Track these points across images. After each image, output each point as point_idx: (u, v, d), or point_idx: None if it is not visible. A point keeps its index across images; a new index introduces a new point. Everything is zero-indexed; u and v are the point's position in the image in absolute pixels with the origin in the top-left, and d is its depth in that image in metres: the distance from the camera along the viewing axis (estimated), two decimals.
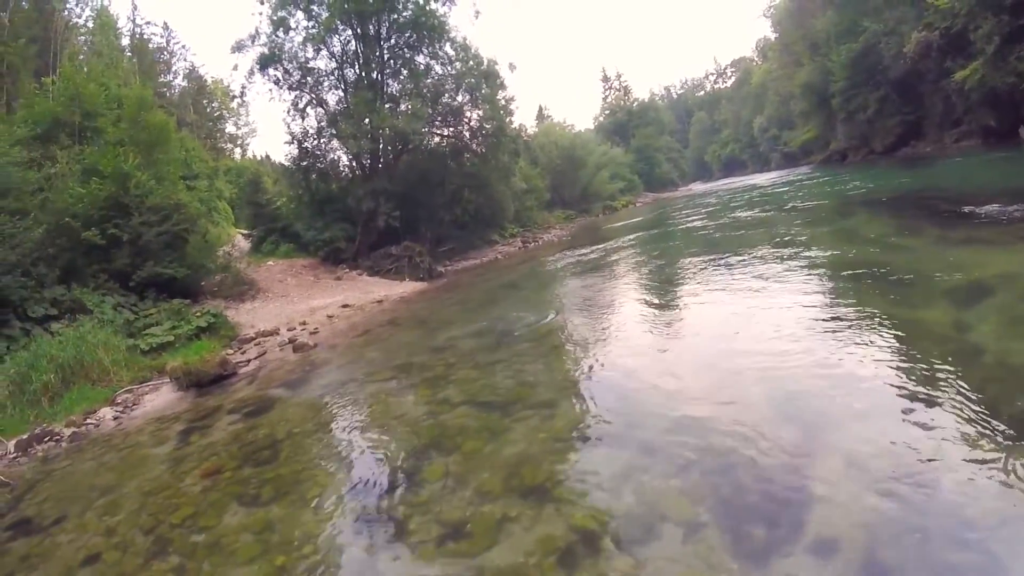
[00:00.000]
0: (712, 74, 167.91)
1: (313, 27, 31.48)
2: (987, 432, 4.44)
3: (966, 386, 5.21)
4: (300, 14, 31.64)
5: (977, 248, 10.55)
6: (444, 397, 8.04)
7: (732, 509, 4.22)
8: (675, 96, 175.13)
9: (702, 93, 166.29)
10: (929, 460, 4.24)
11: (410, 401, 8.23)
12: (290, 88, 31.97)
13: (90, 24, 41.55)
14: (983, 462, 4.09)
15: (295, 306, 20.05)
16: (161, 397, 11.82)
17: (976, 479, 3.93)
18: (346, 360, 12.26)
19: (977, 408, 4.80)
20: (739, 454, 4.87)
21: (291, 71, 31.67)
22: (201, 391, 11.75)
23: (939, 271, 9.24)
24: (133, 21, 53.03)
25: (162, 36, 55.78)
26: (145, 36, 53.70)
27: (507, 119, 35.63)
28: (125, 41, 49.60)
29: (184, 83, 56.32)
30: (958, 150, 40.63)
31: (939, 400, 5.03)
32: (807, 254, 12.99)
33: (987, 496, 3.75)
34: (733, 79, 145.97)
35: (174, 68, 56.09)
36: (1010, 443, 4.26)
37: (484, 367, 9.35)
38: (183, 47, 57.57)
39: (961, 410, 4.81)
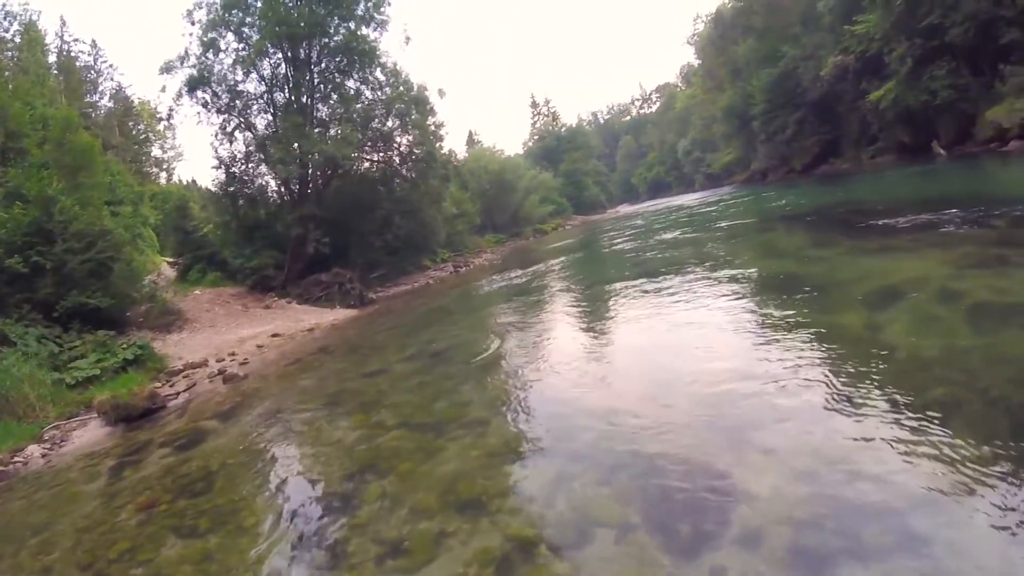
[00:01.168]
0: (638, 99, 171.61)
1: (244, 49, 31.44)
2: (902, 422, 4.79)
3: (881, 381, 5.62)
4: (231, 36, 31.66)
5: (889, 256, 11.22)
6: (378, 421, 8.20)
7: (661, 509, 4.49)
8: (602, 121, 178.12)
9: (628, 118, 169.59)
10: (847, 452, 4.56)
11: (344, 426, 8.35)
12: (218, 111, 31.80)
13: (17, 39, 40.46)
14: (900, 450, 4.41)
15: (224, 336, 19.84)
16: (90, 432, 11.64)
17: (894, 466, 4.24)
18: (278, 389, 12.26)
19: (892, 400, 5.19)
20: (665, 457, 5.16)
21: (220, 94, 31.48)
22: (130, 425, 11.60)
23: (853, 279, 9.85)
24: (61, 37, 51.69)
25: (90, 54, 54.25)
26: (72, 54, 52.25)
27: (437, 144, 36.08)
28: (52, 58, 48.36)
29: (110, 104, 54.80)
30: (874, 166, 42.59)
31: (856, 396, 5.41)
32: (728, 269, 13.55)
33: (904, 481, 4.06)
34: (658, 104, 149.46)
35: (100, 88, 54.50)
36: (923, 429, 4.62)
37: (417, 390, 9.54)
38: (110, 66, 55.95)
39: (877, 403, 5.18)
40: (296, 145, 29.73)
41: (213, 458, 8.28)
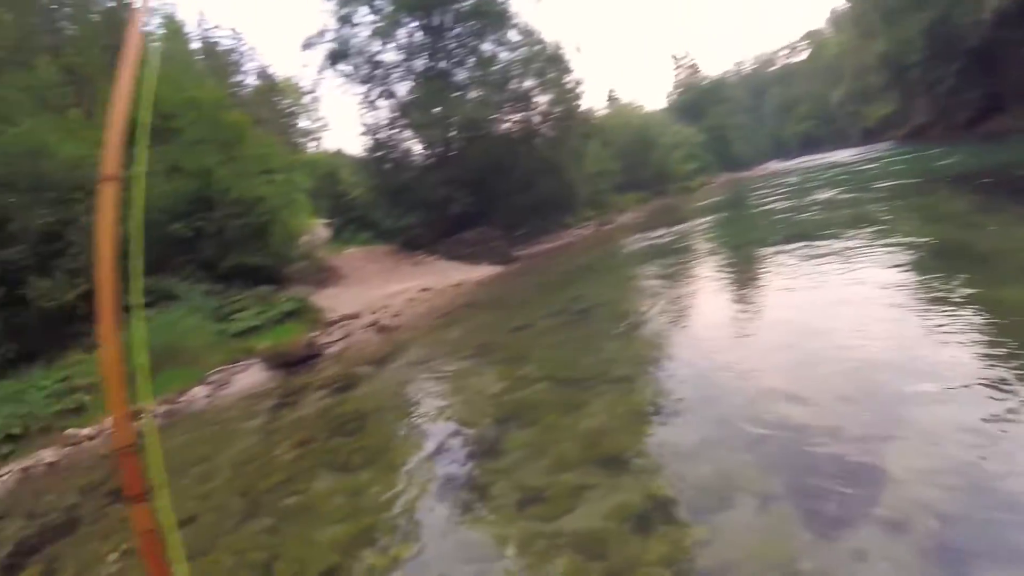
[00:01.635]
0: (785, 49, 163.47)
1: (378, 21, 32.04)
2: None
3: None
4: (365, 8, 32.32)
5: None
6: (523, 374, 8.17)
7: (805, 483, 4.22)
8: (747, 72, 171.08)
9: (775, 68, 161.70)
10: (1005, 442, 4.12)
11: (490, 377, 8.41)
12: (361, 81, 32.68)
13: (160, 31, 42.78)
14: None
15: (375, 291, 20.49)
16: (251, 377, 12.33)
17: None
18: (428, 340, 12.57)
19: None
20: (813, 430, 4.83)
21: (360, 65, 32.42)
22: (289, 371, 12.26)
23: (1020, 249, 8.91)
24: (201, 27, 54.62)
25: (232, 38, 57.12)
26: (214, 40, 55.15)
27: (575, 102, 35.50)
28: (195, 45, 51.09)
29: (256, 82, 57.58)
30: None
31: (1018, 380, 4.82)
32: (885, 235, 12.60)
33: None
34: (807, 53, 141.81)
35: (245, 69, 57.38)
36: None
37: (561, 346, 9.49)
38: (252, 49, 58.79)
39: None
40: (437, 109, 30.21)
41: (366, 402, 8.54)
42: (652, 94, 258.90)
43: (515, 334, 11.08)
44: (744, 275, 12.27)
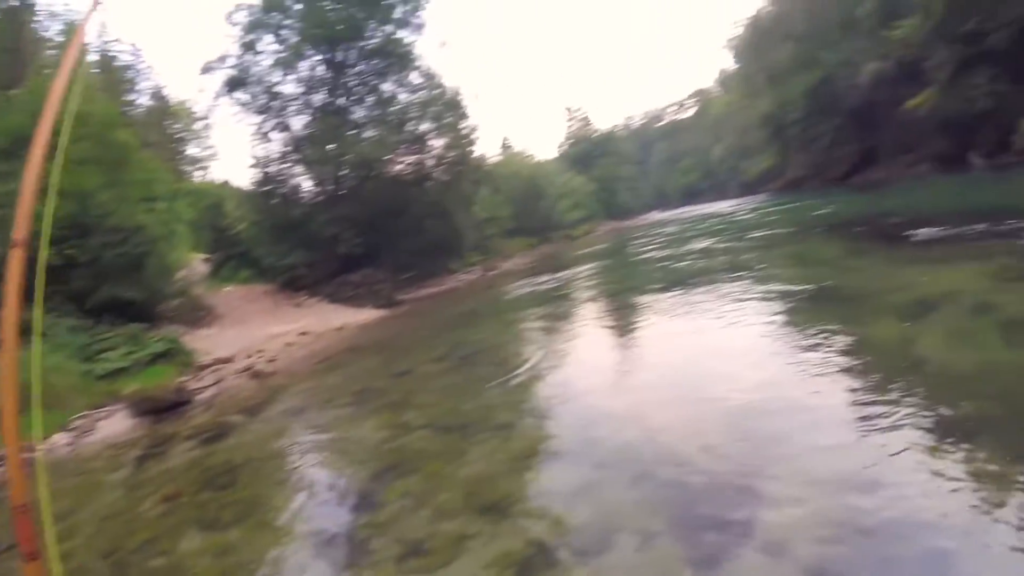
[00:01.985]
0: (672, 105, 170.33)
1: (282, 51, 31.65)
2: (933, 437, 4.66)
3: (913, 395, 5.45)
4: (270, 37, 31.94)
5: (925, 267, 10.96)
6: (404, 421, 8.13)
7: (685, 518, 4.39)
8: (636, 127, 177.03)
9: (662, 123, 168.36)
10: (876, 467, 4.41)
11: (370, 425, 8.33)
12: (256, 111, 32.04)
13: (59, 39, 40.95)
14: (930, 467, 4.27)
15: (253, 333, 19.95)
16: (116, 423, 11.72)
17: (923, 484, 4.10)
18: (305, 387, 12.32)
19: (923, 415, 5.03)
20: (692, 467, 5.03)
21: (258, 94, 31.82)
22: (157, 418, 11.69)
23: (888, 289, 9.63)
24: (101, 37, 52.44)
25: (131, 54, 54.98)
26: (112, 54, 53.00)
27: (470, 148, 35.95)
28: (93, 57, 49.01)
29: (149, 102, 55.55)
30: (910, 175, 41.81)
31: (887, 410, 5.25)
32: (761, 278, 13.36)
33: (933, 499, 3.93)
34: (693, 110, 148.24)
35: (139, 87, 55.29)
36: (954, 446, 4.50)
37: (444, 392, 9.54)
38: (149, 67, 56.63)
39: (908, 418, 5.02)
40: (331, 146, 29.94)
41: (238, 452, 8.29)
42: (545, 143, 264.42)
43: (396, 380, 11.03)
44: (623, 321, 12.68)
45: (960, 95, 36.17)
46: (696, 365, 7.80)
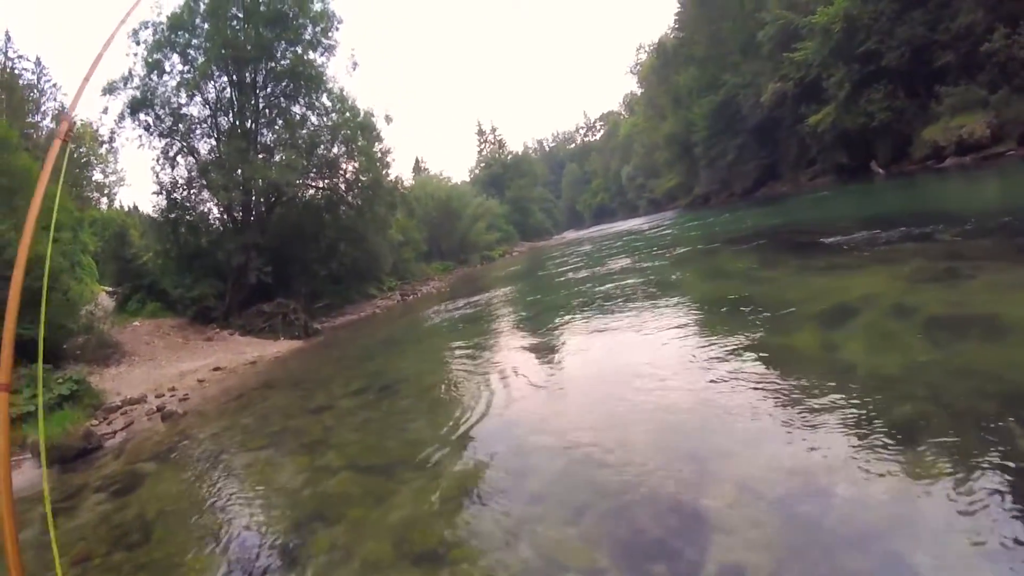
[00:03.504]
0: (582, 127, 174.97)
1: (188, 72, 30.62)
2: (870, 441, 4.65)
3: (844, 401, 5.46)
4: (176, 57, 30.85)
5: (838, 274, 11.26)
6: (324, 463, 7.78)
7: (631, 549, 4.22)
8: (548, 148, 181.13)
9: (573, 145, 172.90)
10: (818, 476, 4.39)
11: (289, 469, 7.93)
12: (161, 135, 30.86)
13: None
14: (871, 470, 4.26)
15: (163, 370, 19.17)
16: (23, 475, 10.91)
17: (866, 487, 4.09)
18: (219, 428, 11.72)
19: (857, 420, 5.03)
20: (631, 493, 4.88)
21: (163, 117, 30.58)
22: (65, 467, 10.99)
23: (804, 298, 9.80)
24: (5, 54, 49.95)
25: (33, 72, 52.55)
26: (16, 71, 50.62)
27: (383, 171, 35.76)
28: None
29: (52, 125, 53.12)
30: (813, 187, 43.86)
31: (819, 417, 5.25)
32: (677, 293, 13.62)
33: (879, 501, 3.92)
34: (602, 132, 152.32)
35: (43, 107, 52.84)
36: (893, 448, 4.50)
37: (364, 428, 9.19)
38: (54, 86, 54.01)
39: (842, 424, 5.02)
40: (239, 171, 29.04)
41: (150, 505, 7.79)
42: (458, 166, 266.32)
43: (314, 416, 10.60)
44: (546, 342, 12.42)
45: (859, 110, 38.49)
46: (624, 384, 7.66)
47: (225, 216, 32.33)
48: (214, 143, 32.17)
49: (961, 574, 3.25)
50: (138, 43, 30.42)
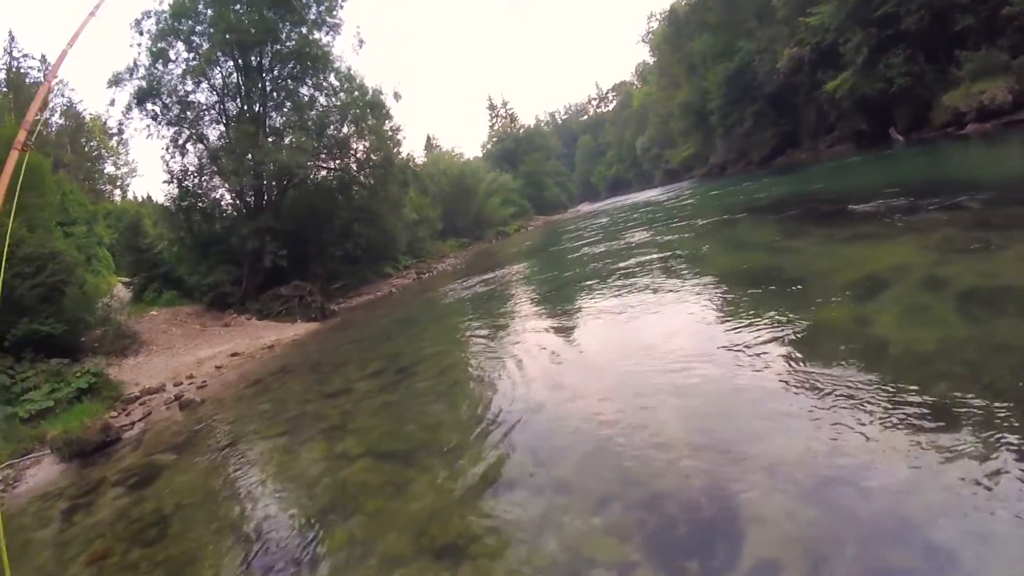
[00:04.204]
0: (595, 99, 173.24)
1: (194, 59, 30.42)
2: (907, 424, 4.43)
3: (878, 380, 5.21)
4: (181, 45, 30.69)
5: (866, 243, 10.93)
6: (342, 450, 7.63)
7: (663, 542, 4.01)
8: (560, 121, 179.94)
9: (585, 117, 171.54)
10: (854, 461, 4.18)
11: (306, 457, 7.79)
12: (169, 123, 30.85)
13: None
14: (910, 455, 4.06)
15: (181, 358, 19.17)
16: (43, 471, 10.96)
17: (905, 474, 3.89)
18: (236, 415, 11.67)
19: (892, 401, 4.80)
20: (661, 481, 4.66)
21: (170, 105, 30.54)
22: (85, 461, 10.98)
23: (832, 269, 9.51)
24: (10, 53, 50.15)
25: (39, 70, 52.75)
26: (22, 69, 50.77)
27: (395, 149, 35.57)
28: (0, 75, 46.93)
29: (61, 120, 53.38)
30: (832, 155, 43.10)
31: (854, 398, 5.00)
32: (699, 266, 13.27)
33: (919, 490, 3.73)
34: (615, 103, 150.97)
35: (52, 104, 53.04)
36: (931, 431, 4.27)
37: (383, 412, 9.00)
38: (61, 82, 54.22)
39: (877, 405, 4.78)
40: (249, 155, 28.83)
41: (168, 499, 7.69)
42: (470, 141, 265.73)
43: (332, 401, 10.48)
44: (565, 318, 12.23)
45: (877, 76, 37.69)
46: (648, 364, 7.38)
47: (238, 201, 32.35)
48: (223, 129, 32.19)
49: (1008, 569, 3.05)
50: (141, 33, 30.43)
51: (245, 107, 32.12)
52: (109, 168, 58.69)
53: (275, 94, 33.30)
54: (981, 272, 7.60)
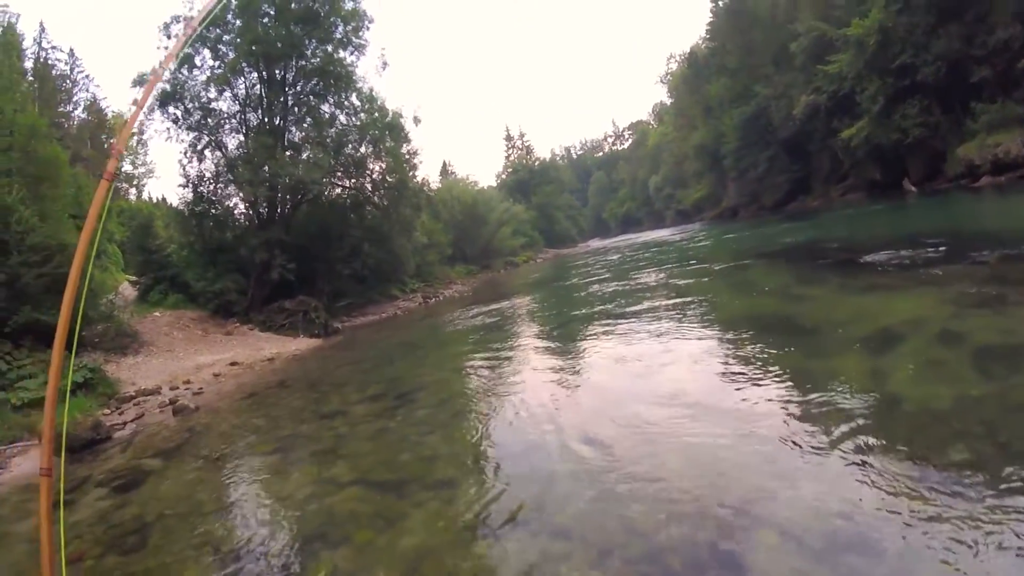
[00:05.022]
0: (611, 136, 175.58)
1: (219, 67, 30.71)
2: (922, 484, 4.28)
3: (892, 438, 5.09)
4: (207, 52, 30.93)
5: (882, 294, 10.81)
6: (333, 475, 7.40)
7: None
8: (575, 156, 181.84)
9: (600, 154, 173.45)
10: (865, 523, 4.00)
11: (296, 480, 7.56)
12: (189, 128, 30.98)
13: None
14: (924, 518, 3.90)
15: (181, 362, 19.06)
16: (29, 461, 10.78)
17: (919, 538, 3.73)
18: (229, 427, 11.45)
19: (907, 461, 4.65)
20: (665, 535, 4.45)
21: (192, 110, 30.68)
22: (72, 457, 10.77)
23: (847, 319, 9.36)
24: (39, 44, 50.64)
25: (67, 63, 53.32)
26: (50, 61, 51.27)
27: (410, 172, 35.77)
28: (28, 64, 47.28)
29: (84, 115, 53.80)
30: (844, 203, 43.32)
31: (867, 456, 4.85)
32: (711, 311, 13.14)
33: (933, 555, 3.56)
34: (630, 141, 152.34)
35: (75, 98, 53.49)
36: (947, 493, 4.12)
37: (378, 438, 8.79)
38: (87, 77, 54.70)
39: (891, 465, 4.64)
40: (266, 167, 29.01)
41: (151, 507, 7.48)
42: (485, 170, 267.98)
43: (327, 422, 10.26)
44: (571, 358, 11.93)
45: (893, 125, 37.96)
46: (655, 410, 7.15)
47: (250, 211, 32.43)
48: (242, 138, 32.33)
49: None
50: (169, 37, 30.61)
51: (266, 119, 32.29)
52: (126, 167, 58.81)
53: (296, 109, 33.49)
54: (998, 328, 7.47)
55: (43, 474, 2.84)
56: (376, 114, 34.43)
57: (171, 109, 30.44)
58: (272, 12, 31.26)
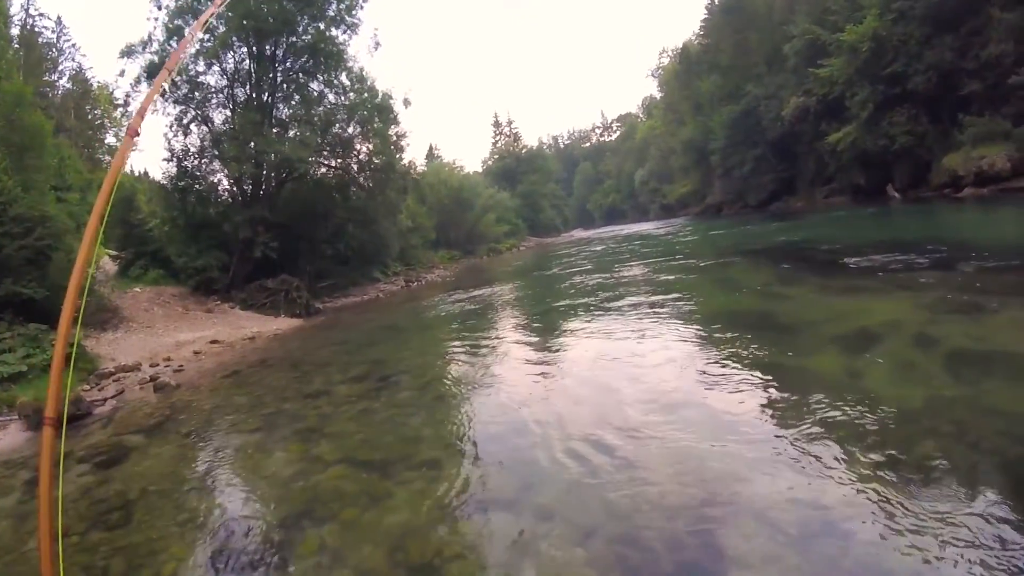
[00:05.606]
0: (599, 127, 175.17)
1: (208, 40, 30.09)
2: (893, 477, 4.47)
3: (868, 432, 5.27)
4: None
5: (860, 297, 11.06)
6: (318, 454, 7.47)
7: None
8: (562, 145, 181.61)
9: (588, 144, 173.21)
10: (838, 511, 4.19)
11: (280, 458, 7.60)
12: (176, 102, 30.44)
13: None
14: (893, 509, 4.07)
15: (161, 339, 18.97)
16: (9, 436, 10.71)
17: (888, 528, 3.89)
18: (210, 404, 11.43)
19: (882, 454, 4.85)
20: (644, 516, 4.60)
21: (179, 84, 30.03)
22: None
23: (825, 319, 9.67)
24: (26, 10, 49.88)
25: (53, 31, 52.52)
26: (36, 29, 50.54)
27: (397, 155, 35.48)
28: (15, 31, 46.54)
29: (69, 85, 53.04)
30: (827, 205, 43.86)
31: (841, 449, 5.04)
32: (693, 305, 13.39)
33: (901, 544, 3.72)
34: (618, 133, 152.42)
35: (60, 67, 52.69)
36: (916, 486, 4.32)
37: (362, 418, 8.85)
38: (73, 46, 53.84)
39: (863, 458, 4.83)
40: (252, 144, 28.80)
41: (134, 483, 7.49)
42: (471, 155, 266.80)
43: (310, 402, 10.31)
44: (554, 343, 12.15)
45: (880, 132, 38.36)
46: (638, 399, 7.32)
47: (235, 188, 32.11)
48: (229, 114, 31.95)
49: None
50: (160, 7, 30.27)
51: (254, 95, 31.94)
52: (110, 139, 57.90)
53: (285, 86, 33.24)
54: (972, 335, 7.71)
55: (48, 423, 2.82)
56: (366, 94, 34.25)
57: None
58: None
